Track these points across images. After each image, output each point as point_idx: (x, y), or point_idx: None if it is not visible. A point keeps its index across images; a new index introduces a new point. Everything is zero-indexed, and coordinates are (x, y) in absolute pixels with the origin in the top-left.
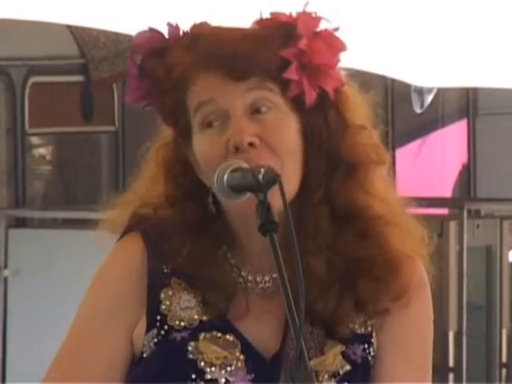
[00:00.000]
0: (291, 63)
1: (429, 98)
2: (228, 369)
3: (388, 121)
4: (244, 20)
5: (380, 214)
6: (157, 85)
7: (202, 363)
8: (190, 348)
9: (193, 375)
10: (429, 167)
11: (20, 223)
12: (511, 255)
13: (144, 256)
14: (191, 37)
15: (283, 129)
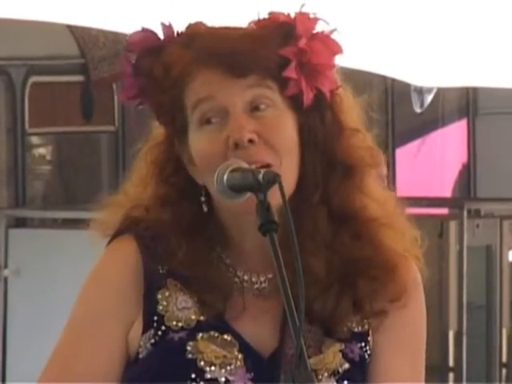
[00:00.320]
0: (291, 62)
1: (429, 98)
2: (228, 368)
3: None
4: (241, 20)
5: (375, 216)
6: (153, 83)
7: (202, 362)
8: (189, 348)
9: (192, 375)
10: (429, 167)
11: (20, 223)
12: (511, 255)
13: (139, 257)
14: (187, 35)
15: (282, 126)
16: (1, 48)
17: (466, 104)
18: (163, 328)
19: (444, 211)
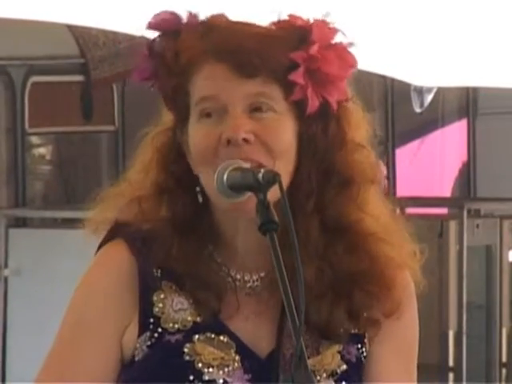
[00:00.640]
0: (299, 66)
1: (429, 98)
2: (226, 369)
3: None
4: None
5: (372, 231)
6: (163, 66)
7: (200, 364)
8: (186, 350)
9: (190, 376)
10: (429, 167)
11: (20, 223)
12: (511, 255)
13: (132, 260)
14: (205, 26)
15: (280, 129)
16: (1, 48)
17: (466, 104)
18: (159, 330)
19: (444, 211)
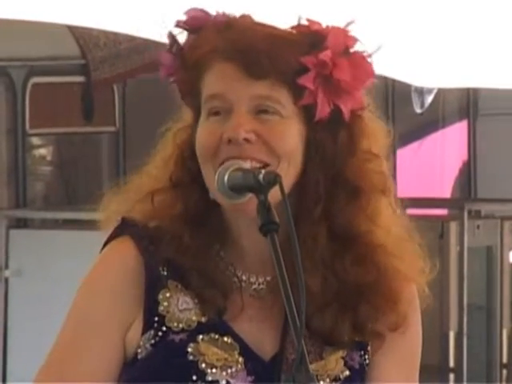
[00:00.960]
0: (309, 71)
1: (429, 99)
2: (229, 371)
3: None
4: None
5: (381, 243)
6: (180, 59)
7: (203, 365)
8: (190, 349)
9: (194, 377)
10: (429, 168)
11: (21, 224)
12: None
13: (139, 258)
14: (226, 24)
15: (285, 132)
16: (1, 49)
17: (467, 105)
18: (164, 329)
19: (444, 212)
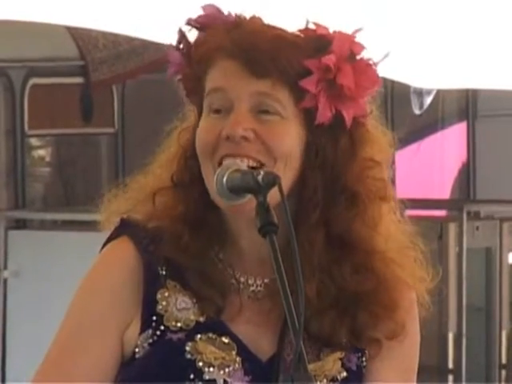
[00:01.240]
0: (312, 74)
1: (428, 100)
2: (226, 369)
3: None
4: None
5: (381, 250)
6: (186, 55)
7: (201, 363)
8: (188, 348)
9: (191, 375)
10: (428, 169)
11: (20, 225)
12: (511, 257)
13: (138, 257)
14: (234, 23)
15: (284, 133)
16: (1, 49)
17: (466, 106)
18: (162, 328)
19: (443, 213)
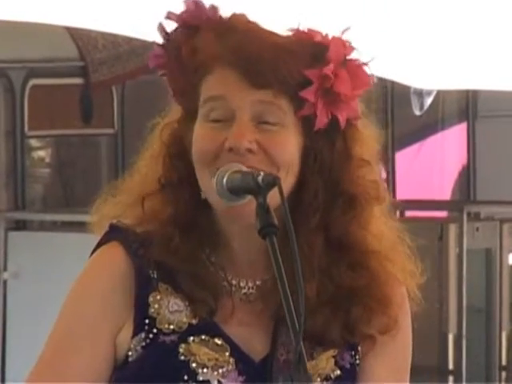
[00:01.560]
0: (312, 84)
1: (428, 101)
2: (220, 370)
3: (388, 123)
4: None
5: (374, 249)
6: (178, 60)
7: (194, 364)
8: (181, 350)
9: (185, 376)
10: (428, 170)
11: (19, 226)
12: (511, 258)
13: (128, 261)
14: (225, 25)
15: (285, 142)
16: (0, 50)
17: (466, 107)
18: (154, 331)
19: (444, 214)
